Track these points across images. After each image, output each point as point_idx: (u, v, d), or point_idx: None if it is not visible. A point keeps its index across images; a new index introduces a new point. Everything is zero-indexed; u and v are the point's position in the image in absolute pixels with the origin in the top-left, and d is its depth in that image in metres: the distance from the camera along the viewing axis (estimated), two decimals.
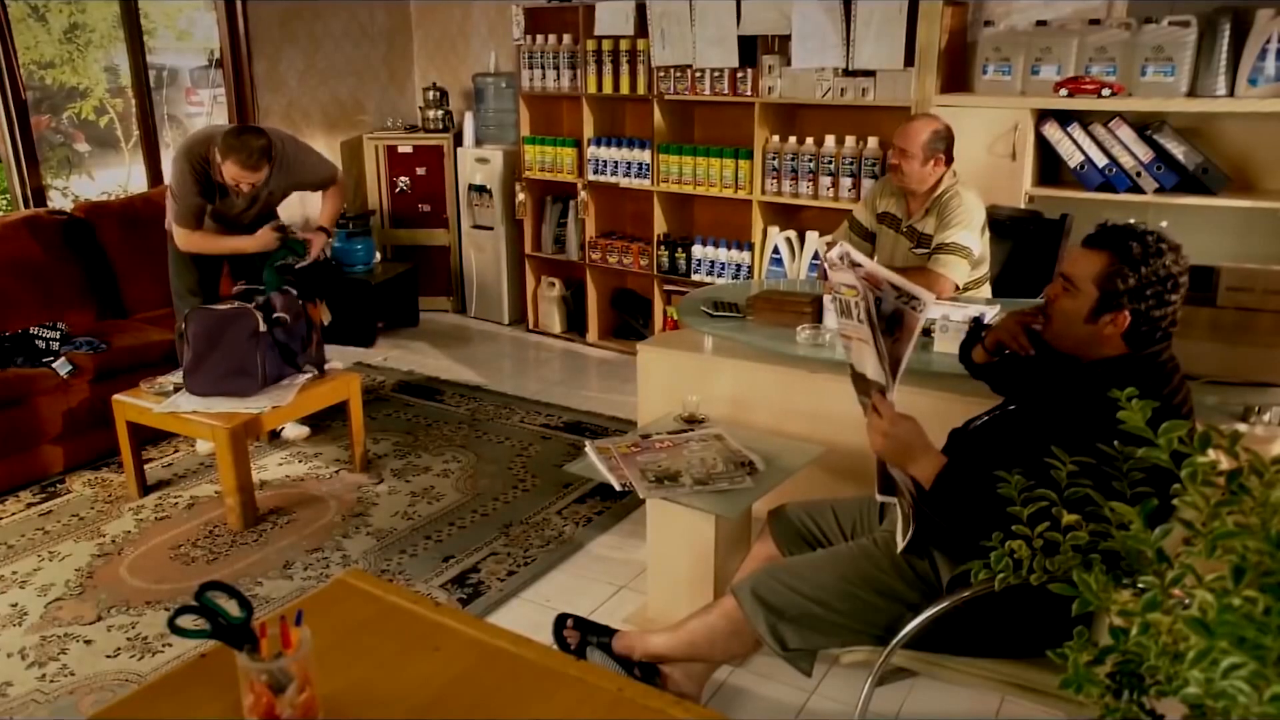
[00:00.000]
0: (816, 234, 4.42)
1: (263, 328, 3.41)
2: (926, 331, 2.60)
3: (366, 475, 3.69)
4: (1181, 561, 1.04)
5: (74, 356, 3.72)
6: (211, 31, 5.22)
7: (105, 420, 3.52)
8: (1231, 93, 3.42)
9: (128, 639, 2.69)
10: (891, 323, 1.74)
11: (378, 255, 5.64)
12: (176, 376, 3.43)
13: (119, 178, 5.20)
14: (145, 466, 3.62)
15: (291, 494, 3.57)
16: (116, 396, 3.43)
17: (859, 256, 1.76)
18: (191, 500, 3.52)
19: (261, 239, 3.68)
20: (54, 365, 3.66)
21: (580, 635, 2.35)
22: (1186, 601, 0.98)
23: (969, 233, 3.04)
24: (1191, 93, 3.49)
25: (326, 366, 3.62)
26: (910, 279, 2.95)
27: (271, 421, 3.45)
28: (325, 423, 4.13)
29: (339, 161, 5.82)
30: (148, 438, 3.70)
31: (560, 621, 2.40)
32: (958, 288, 3.04)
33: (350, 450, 3.75)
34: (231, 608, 1.16)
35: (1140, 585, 1.11)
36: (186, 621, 1.14)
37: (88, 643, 2.68)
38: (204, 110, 5.70)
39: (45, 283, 4.05)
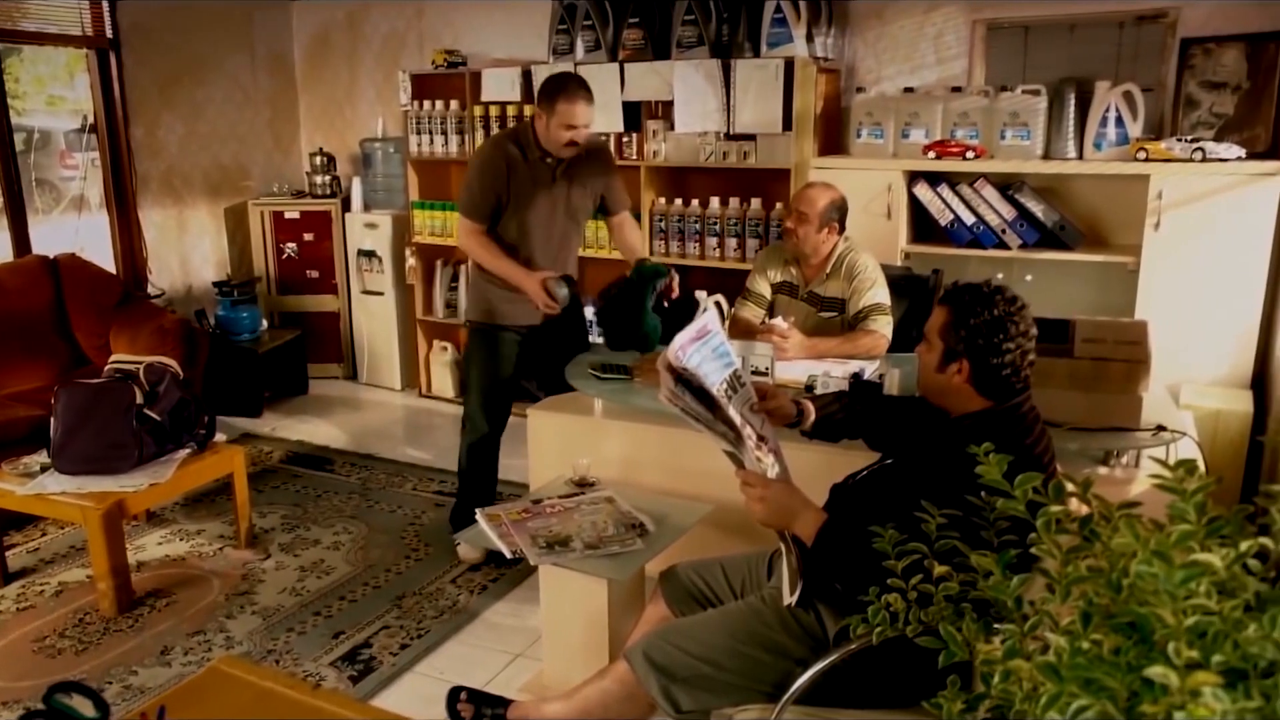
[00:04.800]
0: (704, 294, 4.50)
1: (139, 400, 3.28)
2: (809, 388, 2.67)
3: (252, 551, 3.56)
4: (1040, 608, 1.09)
5: None
6: (87, 92, 5.07)
7: None
8: (1080, 156, 3.67)
9: None
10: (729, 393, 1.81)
11: (264, 323, 5.50)
12: (44, 456, 3.27)
13: None
14: (8, 553, 3.41)
15: (171, 574, 3.41)
16: None
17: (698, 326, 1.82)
18: (60, 587, 3.32)
19: (536, 289, 3.14)
20: None
21: (474, 708, 2.31)
22: (1048, 647, 1.02)
23: (883, 290, 3.16)
24: (1046, 155, 3.73)
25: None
26: (855, 340, 3.06)
27: (148, 500, 3.31)
28: (209, 498, 3.98)
29: (223, 228, 5.70)
30: (11, 521, 3.49)
31: (454, 695, 2.35)
32: None
33: (235, 526, 3.62)
34: (86, 708, 1.10)
35: (1003, 633, 1.15)
36: None
37: None
38: (79, 174, 5.51)
39: None
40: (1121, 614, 0.98)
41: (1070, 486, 1.16)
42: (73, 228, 5.29)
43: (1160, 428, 2.39)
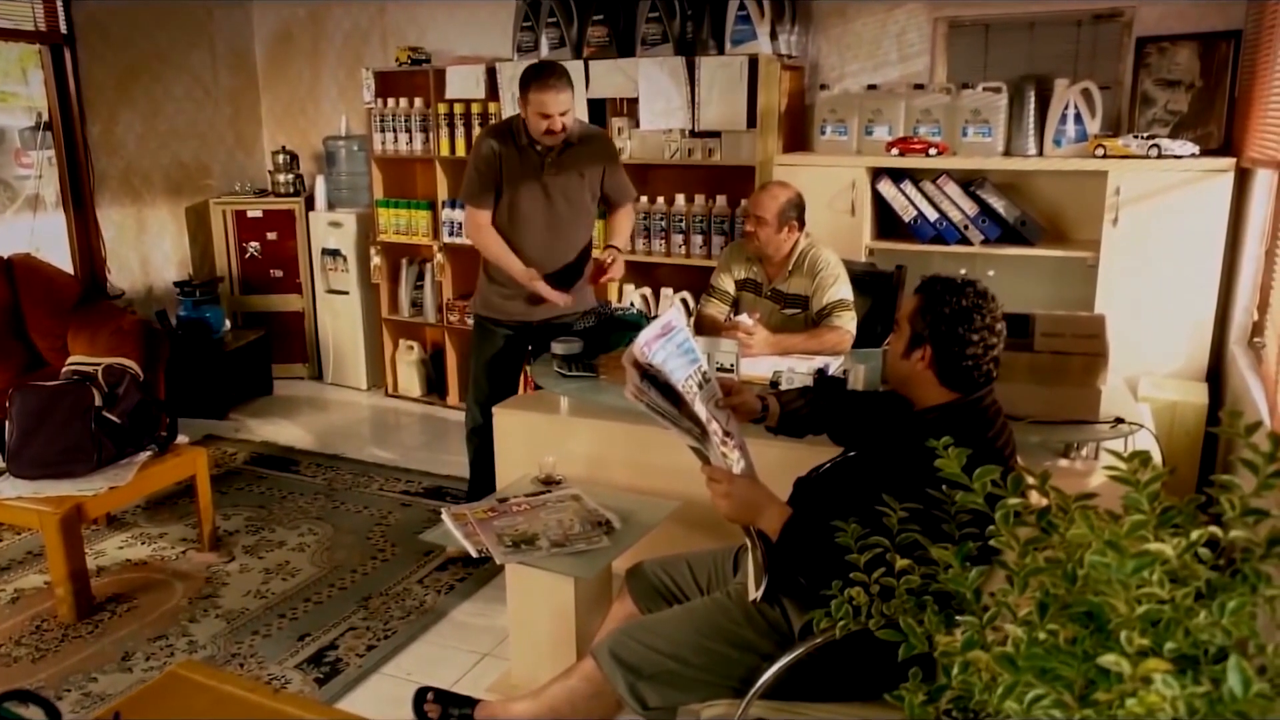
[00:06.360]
0: (671, 290, 4.52)
1: (98, 402, 3.23)
2: (774, 384, 2.68)
3: (216, 554, 3.51)
4: (998, 599, 1.10)
5: None
6: (41, 89, 4.98)
7: None
8: (1040, 152, 3.72)
9: None
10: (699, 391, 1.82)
11: (227, 323, 5.43)
12: None
13: None
14: None
15: (133, 579, 3.36)
16: None
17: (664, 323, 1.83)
18: (16, 594, 3.26)
19: (526, 279, 3.20)
20: None
21: (441, 709, 2.29)
22: (1007, 638, 1.03)
23: (845, 285, 3.19)
24: (1007, 152, 3.78)
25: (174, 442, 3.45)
26: (819, 336, 3.09)
27: (108, 503, 3.25)
28: (171, 501, 3.92)
29: (184, 227, 5.62)
30: None
31: (420, 696, 2.33)
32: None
33: (198, 528, 3.57)
34: (39, 716, 1.08)
35: (963, 625, 1.16)
36: None
37: None
38: (34, 173, 5.41)
39: None
40: (1077, 604, 0.99)
41: (1029, 479, 1.17)
42: (28, 227, 5.20)
43: (1118, 420, 2.43)
